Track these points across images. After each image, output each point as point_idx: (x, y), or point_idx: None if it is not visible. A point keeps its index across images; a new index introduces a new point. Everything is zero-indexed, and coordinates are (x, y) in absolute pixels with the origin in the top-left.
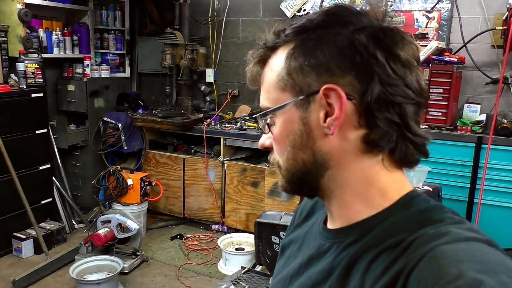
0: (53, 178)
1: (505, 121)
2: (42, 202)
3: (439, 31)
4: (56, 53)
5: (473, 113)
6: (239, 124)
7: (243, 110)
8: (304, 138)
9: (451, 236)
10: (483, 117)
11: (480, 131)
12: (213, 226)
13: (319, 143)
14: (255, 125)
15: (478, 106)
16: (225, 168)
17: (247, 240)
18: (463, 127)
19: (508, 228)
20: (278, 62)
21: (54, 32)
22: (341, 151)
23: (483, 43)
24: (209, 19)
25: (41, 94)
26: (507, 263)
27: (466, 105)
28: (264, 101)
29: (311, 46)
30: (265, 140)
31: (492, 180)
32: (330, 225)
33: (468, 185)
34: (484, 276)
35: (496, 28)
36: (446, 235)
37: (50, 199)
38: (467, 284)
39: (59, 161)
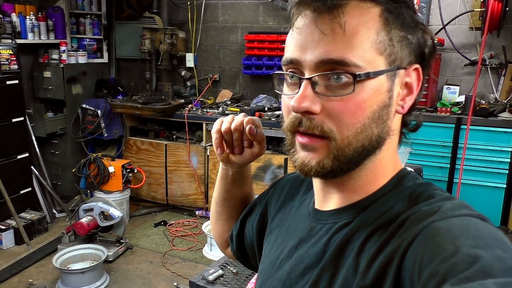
0: (32, 167)
1: (484, 102)
2: (21, 191)
3: (419, 13)
4: (31, 38)
5: (452, 94)
6: (220, 109)
7: (225, 95)
8: (384, 112)
9: (444, 212)
10: (462, 99)
11: (459, 112)
12: (197, 212)
13: (389, 120)
14: (237, 109)
15: (457, 88)
16: (208, 154)
17: None
18: (443, 109)
19: (487, 207)
20: (371, 20)
21: (27, 17)
22: (395, 130)
23: (462, 25)
24: (188, 3)
25: (16, 81)
26: (501, 237)
27: (445, 86)
28: (352, 57)
29: (407, 22)
30: (310, 103)
31: (471, 160)
32: (320, 207)
33: (448, 165)
34: (480, 251)
35: (474, 10)
36: (439, 212)
37: (30, 189)
38: (464, 260)
39: (37, 150)
